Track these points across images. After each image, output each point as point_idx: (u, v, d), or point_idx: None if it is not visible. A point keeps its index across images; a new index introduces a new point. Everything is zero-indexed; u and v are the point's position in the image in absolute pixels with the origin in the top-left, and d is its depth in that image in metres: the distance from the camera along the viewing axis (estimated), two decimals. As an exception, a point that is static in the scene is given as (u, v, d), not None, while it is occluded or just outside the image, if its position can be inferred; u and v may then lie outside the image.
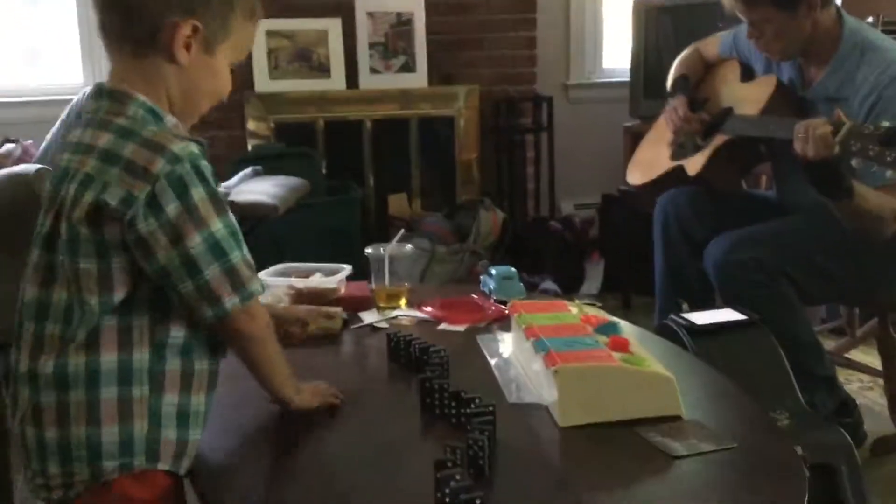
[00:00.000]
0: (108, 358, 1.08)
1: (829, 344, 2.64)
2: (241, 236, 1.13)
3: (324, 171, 3.62)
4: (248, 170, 3.06)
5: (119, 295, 1.08)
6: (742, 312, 1.76)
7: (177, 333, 1.11)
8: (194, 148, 1.09)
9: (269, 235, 3.13)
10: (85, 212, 1.06)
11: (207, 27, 1.12)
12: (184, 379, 1.12)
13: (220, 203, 1.09)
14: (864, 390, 2.66)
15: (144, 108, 1.11)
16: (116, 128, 1.09)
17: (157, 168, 1.05)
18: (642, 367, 1.25)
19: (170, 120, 1.13)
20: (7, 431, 1.86)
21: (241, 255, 1.11)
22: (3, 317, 1.92)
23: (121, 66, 1.13)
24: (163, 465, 1.10)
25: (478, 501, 0.94)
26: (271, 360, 1.21)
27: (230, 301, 1.10)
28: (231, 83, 1.20)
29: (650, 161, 2.48)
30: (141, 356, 1.09)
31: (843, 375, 2.60)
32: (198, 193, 1.07)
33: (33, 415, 1.09)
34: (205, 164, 1.09)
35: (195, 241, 1.06)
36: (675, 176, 2.33)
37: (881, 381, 2.49)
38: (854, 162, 1.73)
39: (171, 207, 1.05)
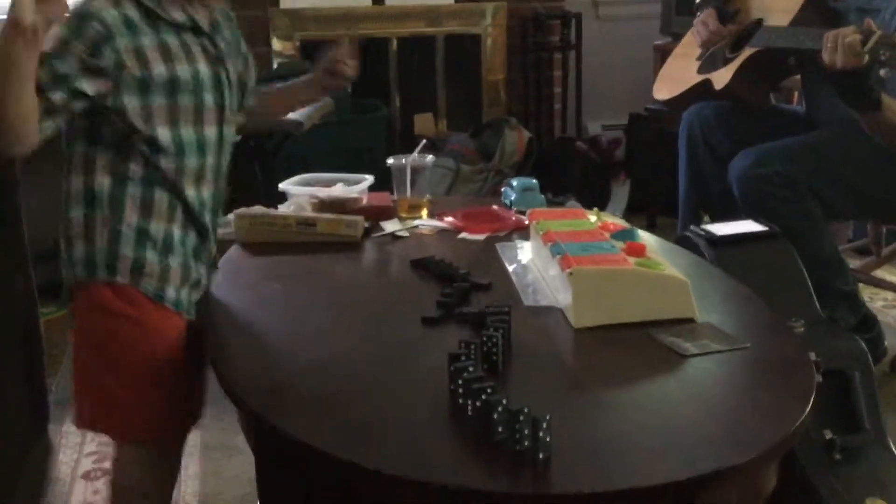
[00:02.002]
0: (76, 182, 1.28)
1: (854, 263, 2.63)
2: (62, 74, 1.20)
3: (349, 89, 3.60)
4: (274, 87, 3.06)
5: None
6: (763, 224, 1.75)
7: (136, 168, 1.28)
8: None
9: (295, 152, 3.15)
10: None
11: None
12: (143, 205, 1.28)
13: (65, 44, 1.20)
14: (888, 308, 2.66)
15: None
16: None
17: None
18: (656, 270, 1.26)
19: None
20: (42, 341, 1.94)
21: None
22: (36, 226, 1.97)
23: None
24: (122, 279, 1.28)
25: (489, 390, 0.97)
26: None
27: None
28: None
29: (677, 76, 2.45)
30: (102, 181, 1.27)
31: (867, 294, 2.59)
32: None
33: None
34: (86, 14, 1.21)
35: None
36: (703, 90, 2.30)
37: (905, 300, 2.49)
38: (883, 72, 1.70)
39: None
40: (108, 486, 1.47)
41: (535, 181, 1.84)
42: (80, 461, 1.97)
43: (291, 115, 2.74)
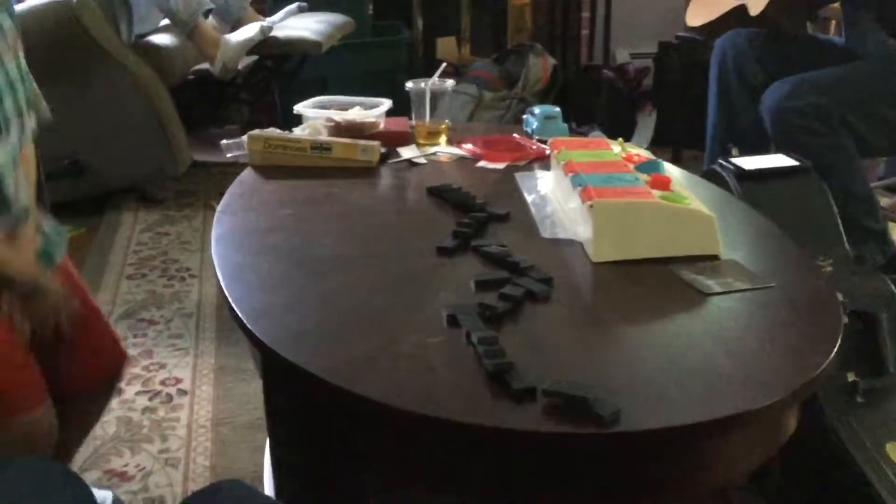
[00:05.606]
0: None
1: (884, 201, 2.56)
2: None
3: (371, 11, 3.51)
4: (293, 6, 2.99)
5: None
6: (794, 159, 1.69)
7: None
8: None
9: (314, 74, 3.09)
10: None
11: None
12: None
13: None
14: (917, 249, 2.59)
15: None
16: None
17: None
18: (681, 204, 1.21)
19: None
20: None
21: None
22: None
23: None
24: None
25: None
26: None
27: None
28: None
29: (711, 1, 2.35)
30: None
31: (896, 233, 2.53)
32: None
33: None
34: None
35: None
36: (737, 16, 2.20)
37: (936, 240, 2.41)
38: (931, -2, 1.61)
39: None
40: None
41: (557, 109, 1.78)
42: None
43: (308, 35, 2.68)
